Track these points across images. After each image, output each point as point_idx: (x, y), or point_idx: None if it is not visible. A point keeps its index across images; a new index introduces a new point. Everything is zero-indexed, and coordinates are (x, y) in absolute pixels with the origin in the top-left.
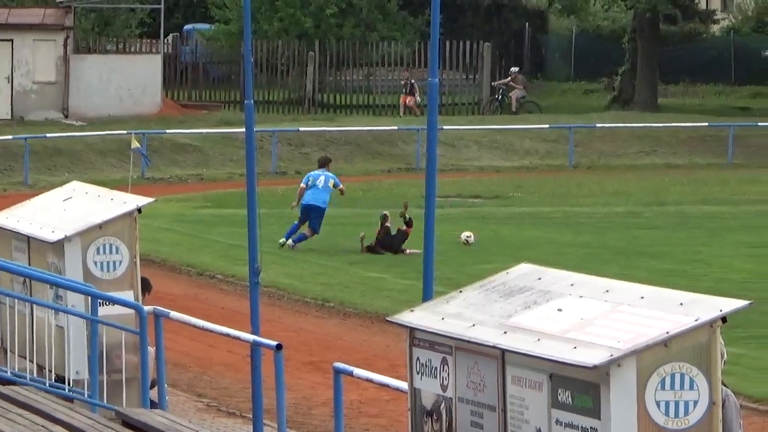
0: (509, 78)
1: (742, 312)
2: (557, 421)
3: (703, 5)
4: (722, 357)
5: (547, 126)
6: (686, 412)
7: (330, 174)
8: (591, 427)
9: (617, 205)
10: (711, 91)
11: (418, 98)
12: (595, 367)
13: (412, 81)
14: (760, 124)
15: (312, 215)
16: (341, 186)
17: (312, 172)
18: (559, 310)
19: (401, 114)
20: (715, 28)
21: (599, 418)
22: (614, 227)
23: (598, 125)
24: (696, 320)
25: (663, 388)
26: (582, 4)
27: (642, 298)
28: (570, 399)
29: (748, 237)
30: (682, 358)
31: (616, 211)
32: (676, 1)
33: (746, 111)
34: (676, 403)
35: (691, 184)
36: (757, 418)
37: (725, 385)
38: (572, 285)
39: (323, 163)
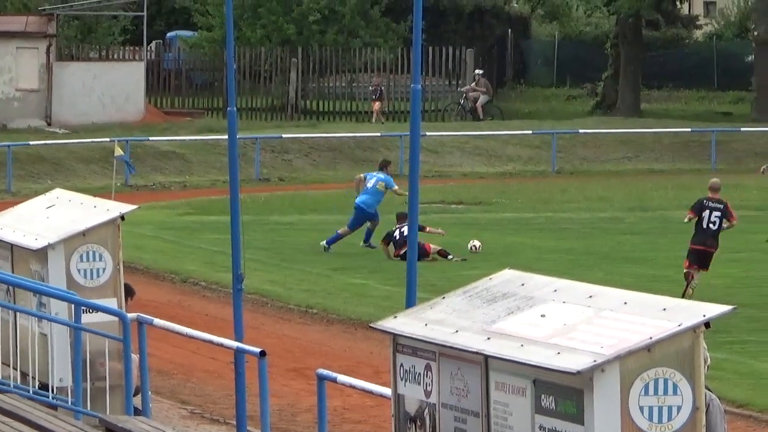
0: (473, 83)
1: (725, 317)
2: (541, 427)
3: (685, 11)
4: (705, 362)
5: (531, 132)
6: (670, 418)
7: (382, 176)
8: None
9: (600, 211)
10: (694, 97)
11: (385, 106)
12: (578, 372)
13: (381, 87)
14: (742, 129)
15: (355, 214)
16: (395, 187)
17: (370, 172)
18: (543, 315)
19: (373, 120)
20: (698, 34)
21: (583, 424)
22: (597, 233)
23: (581, 131)
24: (679, 325)
25: (646, 393)
26: (564, 10)
27: (625, 303)
28: (553, 404)
29: (731, 243)
30: (666, 364)
31: (600, 217)
32: (659, 6)
33: (729, 116)
34: (660, 409)
35: (674, 190)
36: (740, 422)
37: (709, 390)
38: (555, 291)
39: (381, 166)
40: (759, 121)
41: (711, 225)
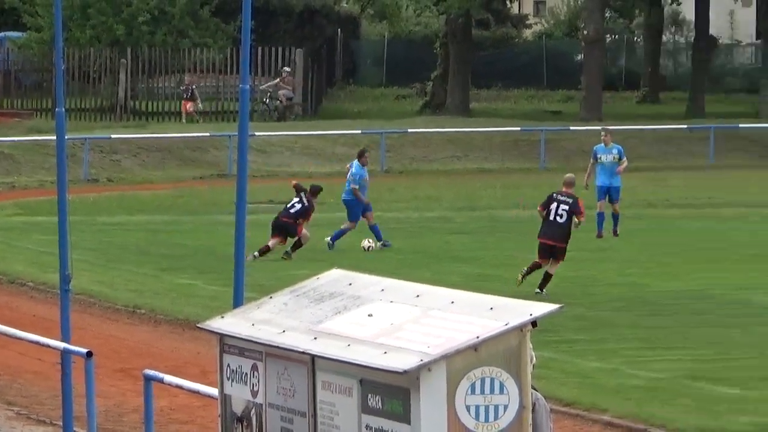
0: (278, 79)
1: (552, 316)
2: (367, 427)
3: (515, 10)
4: (532, 361)
5: (360, 131)
6: (496, 416)
7: (354, 168)
8: None
9: (429, 210)
10: (523, 96)
11: (200, 105)
12: (404, 372)
13: (193, 87)
14: (572, 128)
15: (346, 209)
16: (351, 186)
17: (353, 161)
18: (370, 315)
19: (183, 120)
20: (528, 33)
21: (409, 423)
22: (426, 232)
23: (410, 130)
24: (506, 325)
25: (473, 392)
26: (394, 10)
27: (452, 302)
28: (380, 404)
29: None
30: (493, 363)
31: (429, 216)
32: (489, 5)
33: (558, 115)
34: (486, 408)
35: (503, 189)
36: (567, 421)
37: (535, 389)
38: (383, 290)
39: (358, 155)
40: (588, 119)
41: (558, 218)
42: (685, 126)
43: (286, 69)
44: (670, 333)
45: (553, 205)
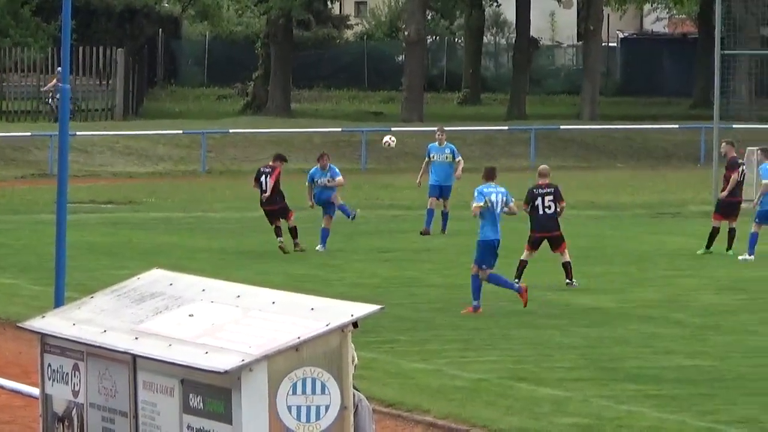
0: (56, 79)
1: (374, 317)
2: (189, 427)
3: (336, 11)
4: (353, 362)
5: (181, 131)
6: (318, 417)
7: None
8: None
9: (251, 211)
10: (345, 96)
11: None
12: (226, 372)
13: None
14: (393, 129)
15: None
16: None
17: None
18: (191, 315)
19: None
20: (349, 34)
21: (231, 423)
22: (249, 232)
23: (231, 131)
24: (327, 325)
25: (295, 392)
26: (215, 10)
27: (273, 303)
28: (201, 404)
29: (381, 242)
30: (314, 363)
31: (250, 217)
32: (310, 6)
33: (379, 116)
34: (308, 408)
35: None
36: (389, 421)
37: (357, 390)
38: (204, 290)
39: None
40: (409, 120)
41: (547, 209)
42: (507, 127)
43: (59, 69)
44: (492, 334)
45: (538, 200)
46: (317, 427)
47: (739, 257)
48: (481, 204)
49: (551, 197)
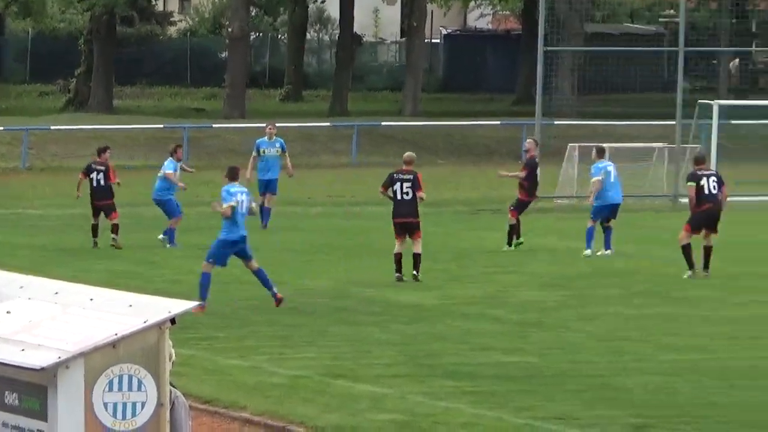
0: None
1: (192, 313)
2: (4, 424)
3: (160, 7)
4: (171, 358)
5: (2, 128)
6: (134, 414)
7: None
8: (38, 430)
9: (72, 208)
10: (167, 93)
11: None
12: (42, 369)
13: None
14: (214, 125)
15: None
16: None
17: None
18: (8, 312)
19: None
20: (173, 30)
21: (46, 420)
22: (69, 229)
23: (52, 127)
24: (145, 322)
25: (111, 389)
26: (39, 7)
27: (92, 299)
28: (17, 401)
29: (201, 238)
30: (131, 360)
31: (71, 213)
32: (134, 3)
33: (201, 112)
34: (124, 405)
35: (144, 186)
36: (206, 418)
37: (174, 387)
38: (21, 287)
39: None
40: (231, 117)
41: (404, 195)
42: (329, 123)
43: None
44: (309, 331)
45: (397, 185)
46: (133, 423)
47: (583, 253)
48: (233, 203)
49: (409, 184)
